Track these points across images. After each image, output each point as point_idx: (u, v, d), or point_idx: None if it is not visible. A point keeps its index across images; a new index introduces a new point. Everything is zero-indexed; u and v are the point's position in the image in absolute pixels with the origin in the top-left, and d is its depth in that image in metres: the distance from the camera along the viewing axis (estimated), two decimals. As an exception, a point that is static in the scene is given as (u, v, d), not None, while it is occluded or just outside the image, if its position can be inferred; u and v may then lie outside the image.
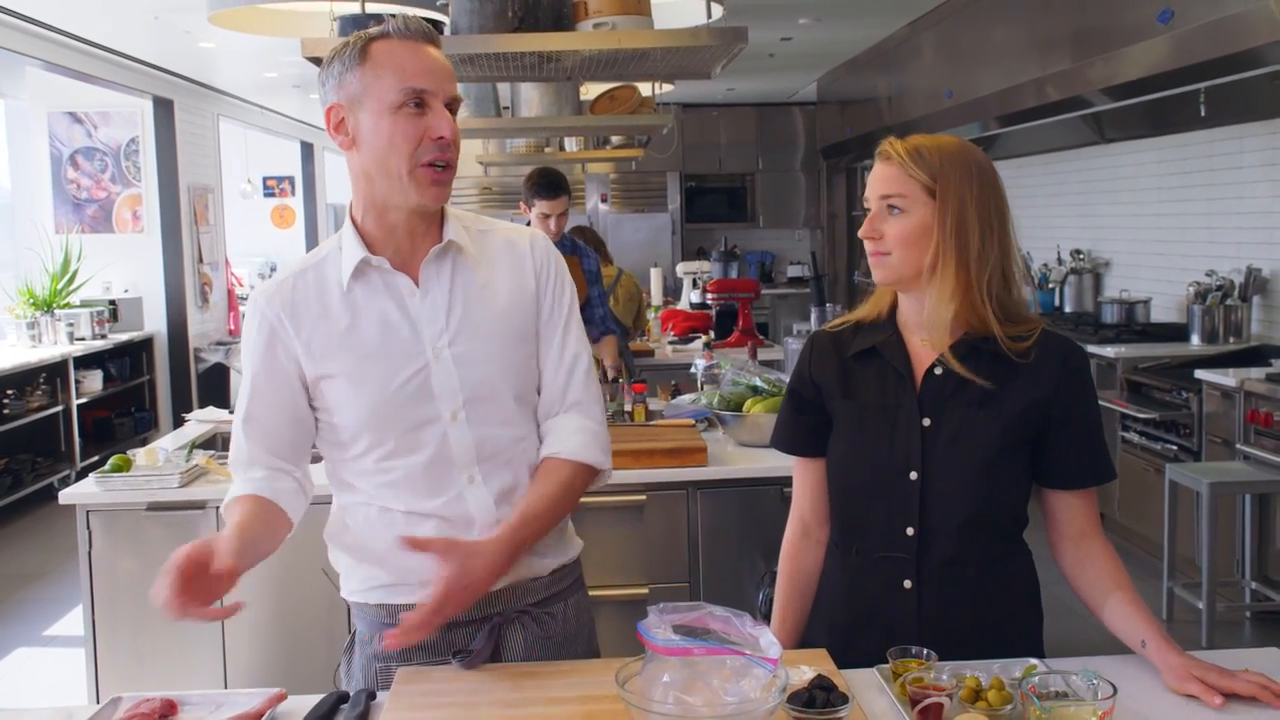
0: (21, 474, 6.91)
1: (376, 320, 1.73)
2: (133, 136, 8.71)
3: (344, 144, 1.71)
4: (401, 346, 1.73)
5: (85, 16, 6.65)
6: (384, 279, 1.75)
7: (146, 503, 3.19)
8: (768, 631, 1.46)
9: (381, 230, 1.75)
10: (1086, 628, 1.81)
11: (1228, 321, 5.55)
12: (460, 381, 1.73)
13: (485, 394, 1.75)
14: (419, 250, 1.76)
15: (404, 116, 1.66)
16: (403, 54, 1.67)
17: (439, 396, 1.73)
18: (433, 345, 1.73)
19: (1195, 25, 4.20)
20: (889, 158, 1.78)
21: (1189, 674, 1.60)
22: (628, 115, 5.11)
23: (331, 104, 1.70)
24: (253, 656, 3.25)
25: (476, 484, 1.75)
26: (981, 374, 1.75)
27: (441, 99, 1.68)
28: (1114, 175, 6.86)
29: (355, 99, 1.68)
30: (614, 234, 11.45)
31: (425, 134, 1.66)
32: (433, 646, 1.77)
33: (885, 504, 1.80)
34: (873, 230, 1.78)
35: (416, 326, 1.73)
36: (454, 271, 1.77)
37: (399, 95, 1.65)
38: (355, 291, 1.74)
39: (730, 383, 3.66)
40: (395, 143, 1.66)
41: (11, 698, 4.21)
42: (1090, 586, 1.77)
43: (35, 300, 7.78)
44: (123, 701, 1.63)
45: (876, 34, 8.09)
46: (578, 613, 1.92)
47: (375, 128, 1.67)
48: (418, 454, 1.73)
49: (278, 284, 1.78)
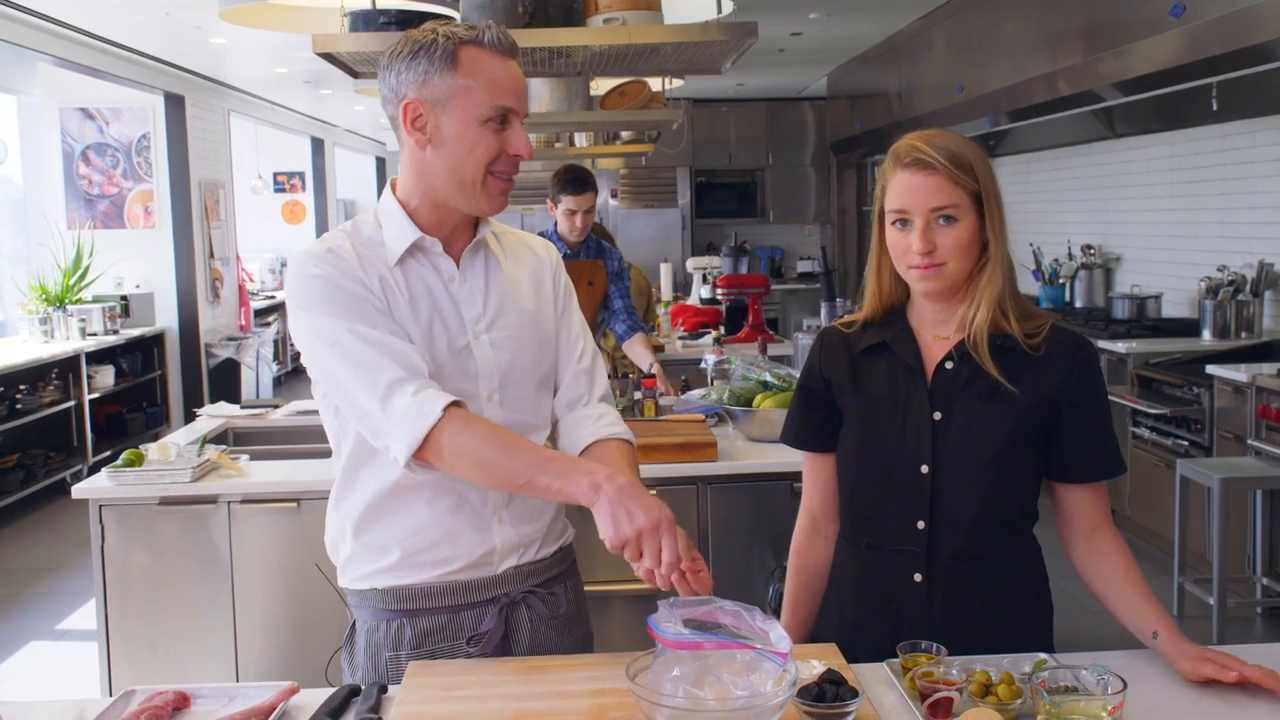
0: (34, 469, 6.94)
1: (425, 295, 1.78)
2: (144, 132, 8.74)
3: (419, 141, 1.73)
4: (448, 325, 1.78)
5: (97, 12, 6.67)
6: (431, 261, 1.80)
7: (159, 497, 3.21)
8: (778, 626, 1.46)
9: (433, 219, 1.79)
10: (1096, 623, 1.81)
11: (1239, 317, 5.53)
12: (498, 365, 1.80)
13: (517, 380, 1.83)
14: (459, 240, 1.83)
15: (489, 130, 1.71)
16: (494, 68, 1.71)
17: (479, 376, 1.79)
18: (473, 327, 1.80)
19: (1207, 19, 4.19)
20: (930, 166, 1.72)
21: (1203, 655, 1.61)
22: (638, 110, 5.11)
23: (410, 99, 1.71)
24: (264, 650, 3.27)
25: None
26: (1000, 364, 1.76)
27: (522, 117, 1.75)
28: (1125, 170, 6.84)
29: (440, 101, 1.70)
30: (624, 229, 11.45)
31: (504, 150, 1.73)
32: (443, 631, 1.79)
33: (896, 497, 1.81)
34: (929, 244, 1.72)
35: (460, 309, 1.80)
36: (487, 263, 1.85)
37: (489, 111, 1.70)
38: (406, 265, 1.78)
39: (740, 378, 3.66)
40: (476, 155, 1.71)
41: (25, 691, 4.23)
42: (1101, 579, 1.78)
43: (48, 296, 7.81)
44: (136, 694, 1.64)
45: (887, 29, 8.07)
46: (577, 594, 1.97)
47: (459, 135, 1.71)
48: None
49: (336, 246, 1.75)
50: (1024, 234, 7.89)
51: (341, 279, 1.72)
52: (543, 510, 1.88)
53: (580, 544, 3.27)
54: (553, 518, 1.92)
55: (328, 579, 1.91)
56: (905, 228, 1.75)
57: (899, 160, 1.76)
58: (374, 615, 1.82)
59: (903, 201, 1.74)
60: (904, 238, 1.75)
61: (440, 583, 1.80)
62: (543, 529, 1.88)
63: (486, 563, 1.81)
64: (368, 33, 2.95)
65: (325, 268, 1.72)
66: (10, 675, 4.43)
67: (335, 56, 3.01)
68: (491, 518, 1.81)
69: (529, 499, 1.82)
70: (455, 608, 1.80)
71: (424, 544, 1.78)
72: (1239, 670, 1.57)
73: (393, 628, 1.80)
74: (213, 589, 3.26)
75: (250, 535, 3.24)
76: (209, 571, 3.26)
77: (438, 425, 1.63)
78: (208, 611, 3.27)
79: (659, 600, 1.51)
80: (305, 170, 13.61)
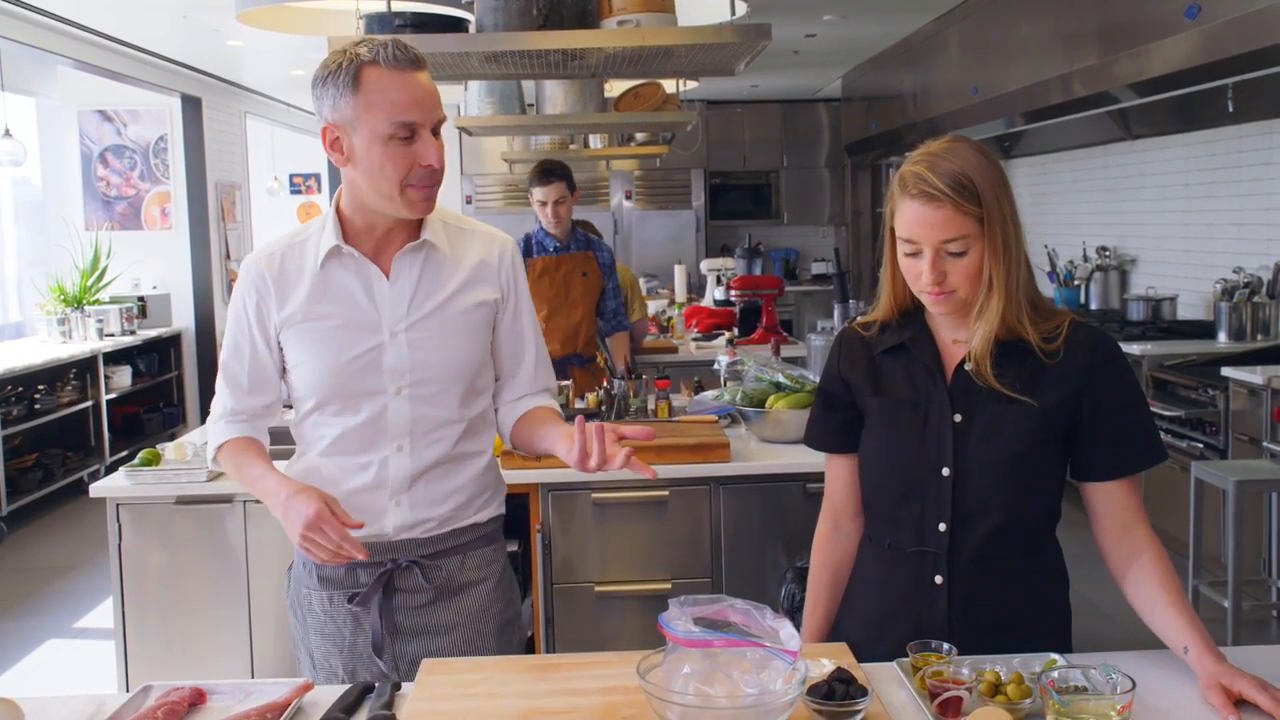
0: (52, 468, 6.99)
1: (344, 298, 1.93)
2: (161, 134, 8.80)
3: (339, 161, 1.87)
4: (361, 325, 1.93)
5: (115, 15, 6.72)
6: (356, 264, 1.94)
7: (175, 496, 3.23)
8: (788, 624, 1.47)
9: (363, 225, 1.94)
10: (1114, 626, 1.81)
11: (1255, 319, 5.51)
12: (410, 363, 1.93)
13: (430, 377, 1.95)
14: (394, 243, 1.95)
15: (394, 146, 1.81)
16: (392, 85, 1.80)
17: (387, 373, 1.93)
18: (391, 328, 1.93)
19: (1222, 20, 4.18)
20: (937, 199, 1.69)
21: (1215, 682, 1.57)
22: (652, 112, 5.12)
23: (326, 124, 1.85)
24: (279, 647, 3.29)
25: (404, 453, 1.96)
26: (1011, 373, 1.75)
27: (429, 126, 1.83)
28: (1140, 172, 6.81)
29: (349, 123, 1.82)
30: (638, 231, 11.46)
31: (415, 162, 1.83)
32: (340, 582, 2.00)
33: (917, 500, 1.80)
34: (939, 275, 1.72)
35: (379, 309, 1.93)
36: (424, 266, 1.96)
37: (390, 128, 1.80)
38: (329, 269, 1.94)
39: (753, 379, 3.66)
40: (386, 170, 1.82)
41: (43, 688, 4.27)
42: (1136, 586, 1.74)
43: (66, 297, 7.86)
44: (153, 690, 1.66)
45: (902, 30, 8.07)
46: (482, 567, 2.06)
47: (368, 153, 1.82)
48: (358, 415, 1.94)
49: (269, 253, 1.98)
50: (1039, 236, 7.87)
51: (240, 310, 1.98)
52: (449, 497, 2.00)
53: (593, 546, 3.29)
54: (462, 503, 2.02)
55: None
56: (915, 256, 1.74)
57: (906, 189, 1.73)
58: (298, 556, 2.06)
59: (911, 233, 1.73)
60: (915, 264, 1.75)
61: None
62: (446, 511, 2.00)
63: (379, 533, 1.97)
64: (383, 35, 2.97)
65: (240, 289, 1.98)
66: (29, 672, 4.46)
67: (351, 59, 3.02)
68: (389, 502, 1.97)
69: (432, 488, 1.98)
70: (350, 565, 1.97)
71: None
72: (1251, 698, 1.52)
73: (308, 569, 2.04)
74: (228, 587, 3.28)
75: (265, 534, 3.26)
76: (224, 569, 3.28)
77: (215, 455, 2.03)
78: (223, 609, 3.29)
79: (670, 599, 1.52)
80: (321, 172, 13.65)
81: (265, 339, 1.97)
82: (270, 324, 1.96)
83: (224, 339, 2.04)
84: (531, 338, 2.10)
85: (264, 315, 1.96)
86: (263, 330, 1.96)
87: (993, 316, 1.73)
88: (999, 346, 1.75)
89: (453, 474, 2.00)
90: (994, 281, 1.73)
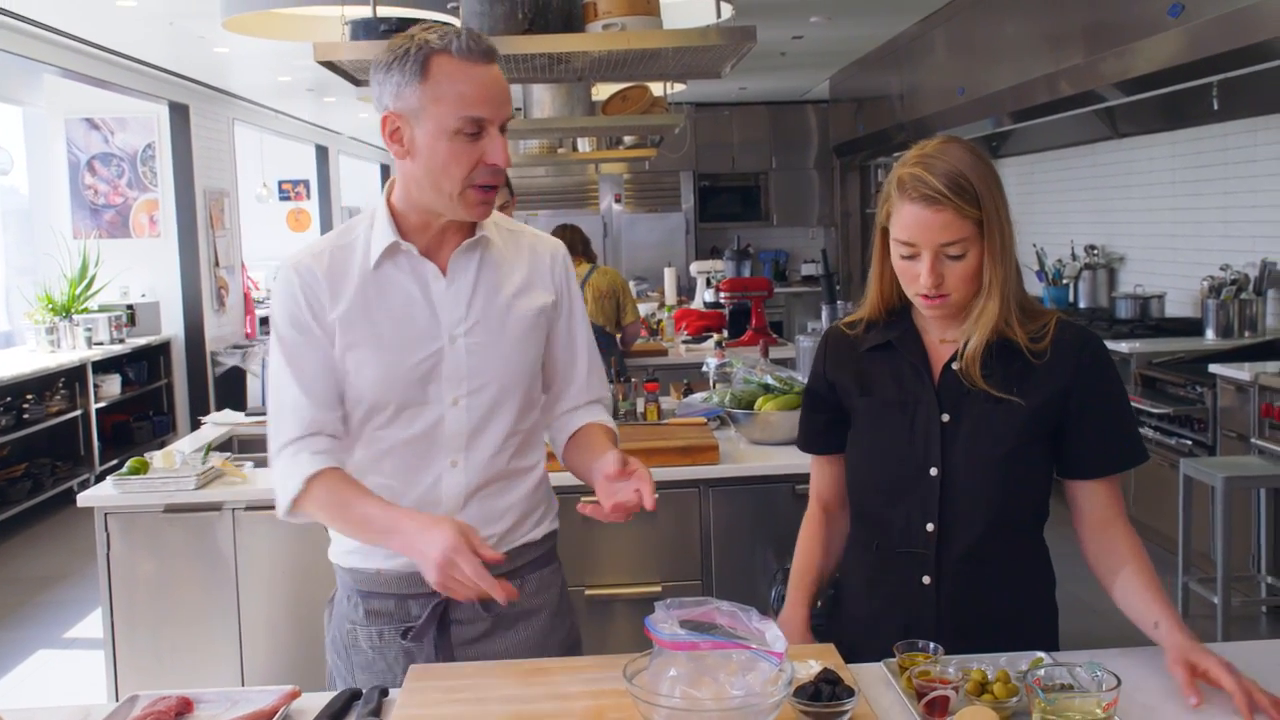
0: (42, 478, 6.97)
1: (401, 300, 1.80)
2: (149, 142, 8.77)
3: (398, 153, 1.74)
4: (420, 329, 1.79)
5: (101, 23, 6.70)
6: (411, 264, 1.81)
7: (163, 505, 3.22)
8: (774, 626, 1.47)
9: (418, 221, 1.81)
10: (1104, 624, 1.81)
11: (1242, 316, 5.53)
12: (469, 370, 1.81)
13: (491, 385, 1.83)
14: (449, 241, 1.83)
15: (460, 141, 1.69)
16: (463, 77, 1.68)
17: (446, 381, 1.80)
18: (450, 332, 1.80)
19: (1205, 19, 4.19)
20: (938, 202, 1.68)
21: (1182, 657, 1.58)
22: (640, 115, 5.12)
23: (388, 112, 1.72)
24: (270, 656, 3.28)
25: (458, 469, 1.83)
26: (999, 373, 1.75)
27: (498, 123, 1.72)
28: (1127, 170, 6.84)
29: (413, 113, 1.70)
30: (627, 234, 11.47)
31: (480, 159, 1.71)
32: (390, 614, 1.86)
33: (905, 500, 1.80)
34: (937, 279, 1.72)
35: (437, 312, 1.80)
36: (481, 265, 1.84)
37: (457, 122, 1.68)
38: (384, 269, 1.80)
39: (742, 381, 3.67)
40: (449, 167, 1.70)
41: (32, 699, 4.25)
42: (1109, 573, 1.76)
43: (54, 305, 7.84)
44: (139, 699, 1.65)
45: (888, 31, 8.08)
46: (541, 589, 1.96)
47: (431, 148, 1.70)
48: (412, 427, 1.81)
49: (315, 253, 1.82)
50: (1027, 235, 7.89)
51: (294, 315, 1.79)
52: (504, 515, 1.88)
53: (583, 548, 3.28)
54: (517, 520, 1.90)
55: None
56: (913, 259, 1.74)
57: (904, 191, 1.72)
58: (343, 588, 1.94)
59: (910, 235, 1.72)
60: (912, 267, 1.74)
61: (389, 571, 1.85)
62: (502, 530, 1.88)
63: None
64: (368, 41, 2.96)
65: (288, 293, 1.80)
66: (18, 683, 4.44)
67: (337, 65, 3.03)
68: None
69: (487, 505, 1.85)
70: (402, 596, 1.85)
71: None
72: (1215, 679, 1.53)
73: (353, 602, 1.90)
74: (218, 595, 3.27)
75: (255, 542, 3.25)
76: (214, 578, 3.27)
77: (298, 496, 1.76)
78: (213, 618, 3.28)
79: (656, 602, 1.52)
80: (310, 178, 13.63)
81: (330, 340, 1.79)
82: (330, 328, 1.79)
83: (273, 358, 1.82)
84: (584, 345, 1.98)
85: (321, 316, 1.79)
86: (326, 331, 1.79)
87: (989, 320, 1.73)
88: (986, 348, 1.76)
89: (507, 490, 1.88)
90: (991, 284, 1.73)
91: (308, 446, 1.77)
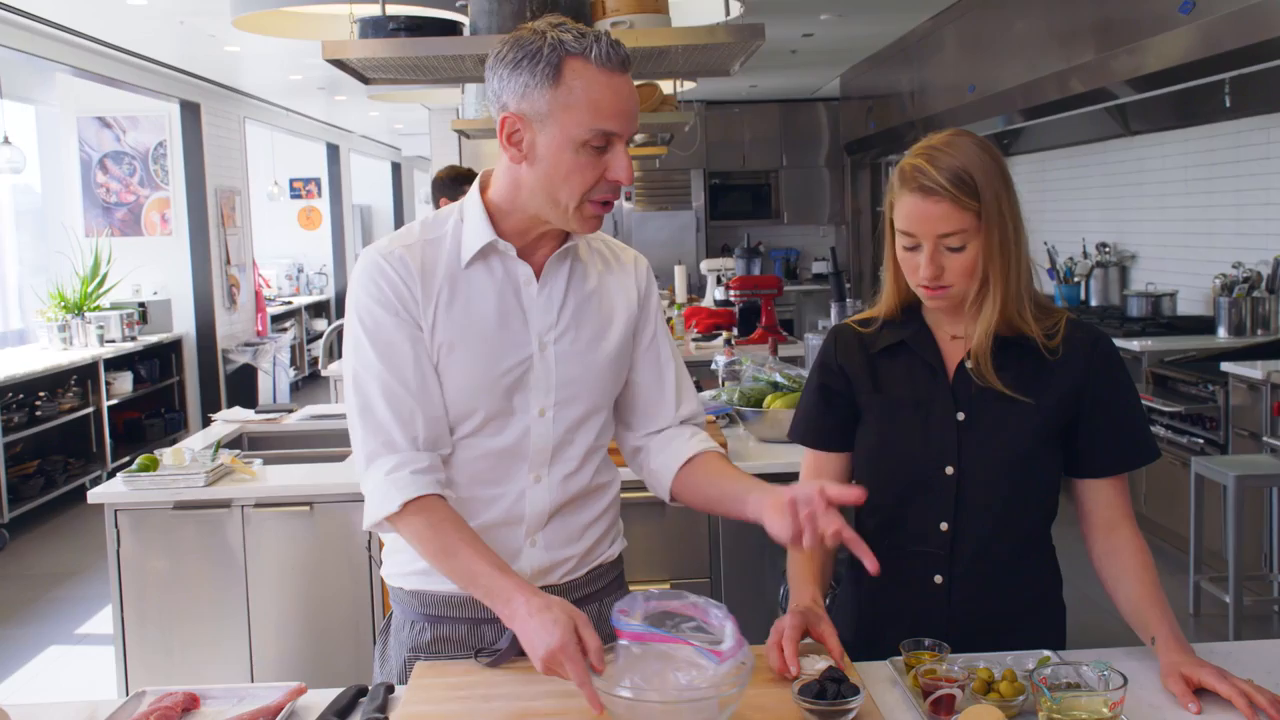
0: (54, 475, 7.00)
1: (493, 303, 1.70)
2: (160, 140, 8.81)
3: (514, 158, 1.64)
4: (510, 335, 1.70)
5: (113, 22, 6.73)
6: (505, 265, 1.72)
7: (173, 502, 3.23)
8: (732, 627, 1.48)
9: (520, 226, 1.70)
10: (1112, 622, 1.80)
11: (1254, 314, 5.51)
12: (558, 379, 1.73)
13: (577, 397, 1.75)
14: (544, 246, 1.74)
15: (587, 153, 1.59)
16: (599, 86, 1.57)
17: (534, 390, 1.72)
18: (539, 339, 1.72)
19: (1218, 15, 4.17)
20: (936, 193, 1.68)
21: (1175, 671, 1.58)
22: (650, 113, 5.12)
23: (509, 113, 1.61)
24: (279, 651, 3.29)
25: (542, 484, 1.75)
26: (1012, 371, 1.75)
27: (626, 138, 1.62)
28: (1139, 168, 6.81)
29: (539, 117, 1.59)
30: (638, 232, 11.47)
31: (604, 175, 1.62)
32: (461, 640, 1.77)
33: (919, 499, 1.79)
34: (936, 270, 1.71)
35: (528, 318, 1.72)
36: (571, 272, 1.76)
37: (588, 134, 1.58)
38: (475, 269, 1.70)
39: (750, 379, 3.66)
40: (571, 179, 1.61)
41: (44, 694, 4.27)
42: (1113, 580, 1.76)
43: (66, 303, 7.87)
44: (146, 695, 1.66)
45: (899, 28, 8.07)
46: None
47: (555, 158, 1.60)
48: (497, 439, 1.72)
49: (406, 246, 1.70)
50: (1039, 233, 7.87)
51: (389, 302, 1.67)
52: (585, 533, 1.81)
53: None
54: (597, 539, 1.84)
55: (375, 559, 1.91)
56: (913, 250, 1.74)
57: (905, 182, 1.72)
58: (404, 613, 1.82)
59: (909, 226, 1.72)
60: (912, 257, 1.74)
61: (464, 594, 1.71)
62: (583, 550, 1.81)
63: None
64: (377, 39, 2.97)
65: (381, 282, 1.68)
66: (30, 679, 4.47)
67: (345, 63, 3.03)
68: (524, 541, 1.76)
69: (569, 523, 1.78)
70: (476, 620, 1.76)
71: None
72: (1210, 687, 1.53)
73: (416, 628, 1.79)
74: (227, 592, 3.28)
75: (264, 539, 3.26)
76: (224, 575, 3.28)
77: (394, 516, 1.64)
78: (223, 615, 3.29)
79: (629, 593, 1.56)
80: (321, 176, 13.68)
81: (426, 341, 1.67)
82: (419, 324, 1.67)
83: (359, 356, 1.68)
84: (670, 358, 1.87)
85: (414, 310, 1.67)
86: (421, 330, 1.67)
87: (989, 314, 1.73)
88: (999, 343, 1.75)
89: (588, 507, 1.80)
90: (991, 278, 1.72)
91: (410, 464, 1.65)
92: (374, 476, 1.66)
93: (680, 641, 1.48)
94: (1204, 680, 1.55)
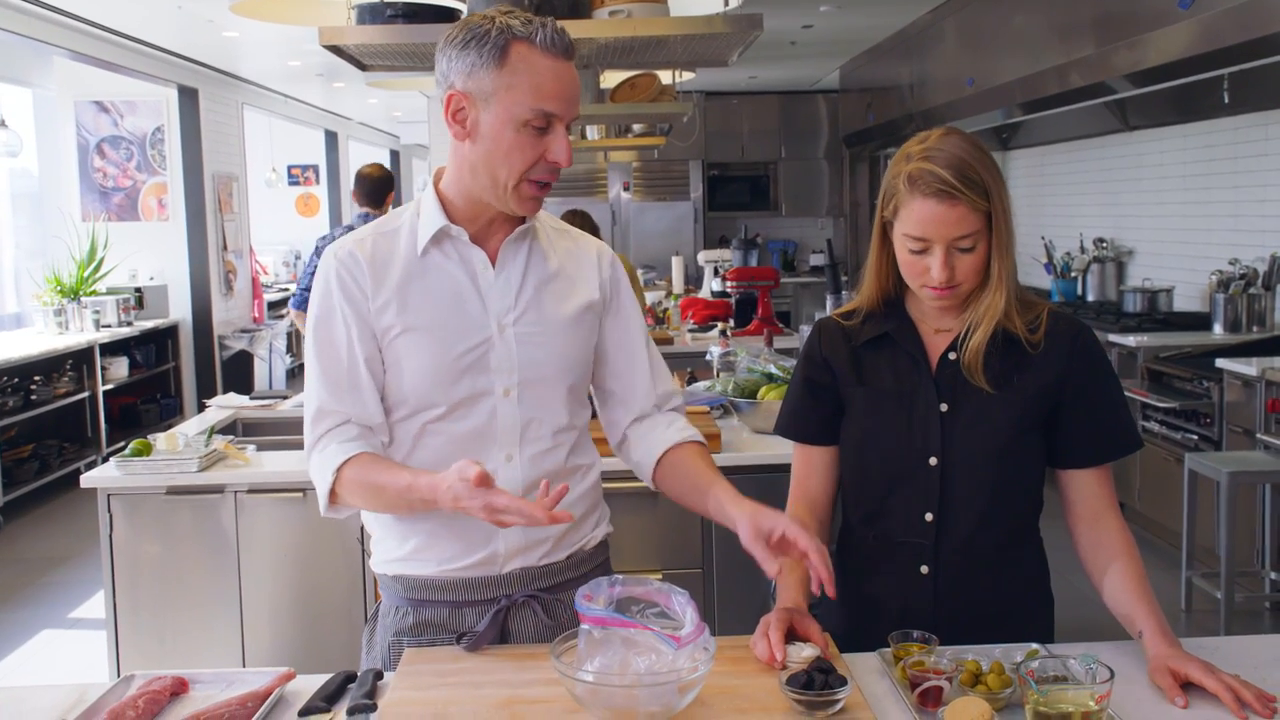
0: (49, 459, 7.00)
1: (448, 288, 1.75)
2: (158, 125, 8.79)
3: (458, 134, 1.70)
4: (468, 318, 1.75)
5: (111, 6, 6.71)
6: (460, 250, 1.77)
7: (166, 487, 3.23)
8: (693, 614, 1.50)
9: (468, 209, 1.76)
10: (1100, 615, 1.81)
11: (1250, 310, 5.51)
12: (519, 360, 1.77)
13: (541, 376, 1.78)
14: (498, 231, 1.79)
15: (527, 133, 1.66)
16: (542, 70, 1.64)
17: (495, 371, 1.76)
18: (498, 320, 1.76)
19: (1218, 10, 4.17)
20: (952, 197, 1.68)
21: (1163, 665, 1.59)
22: (648, 103, 5.11)
23: (454, 91, 1.67)
24: (271, 637, 3.29)
25: (513, 463, 1.77)
26: (996, 364, 1.76)
27: (566, 121, 1.68)
28: (1137, 163, 6.81)
29: (483, 96, 1.65)
30: (636, 222, 11.45)
31: (543, 155, 1.68)
32: (443, 624, 1.80)
33: (905, 490, 1.80)
34: (950, 273, 1.71)
35: (485, 301, 1.76)
36: (529, 255, 1.80)
37: (529, 113, 1.64)
38: (431, 256, 1.76)
39: (745, 370, 3.67)
40: (511, 157, 1.67)
41: (36, 678, 4.27)
42: (1099, 572, 1.76)
43: (62, 288, 7.87)
44: (135, 679, 1.66)
45: (898, 21, 8.05)
46: None
47: (496, 135, 1.66)
48: (466, 423, 1.76)
49: (358, 240, 1.78)
50: (1036, 227, 7.87)
51: (331, 296, 1.75)
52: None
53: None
54: (578, 517, 1.84)
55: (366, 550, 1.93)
56: (923, 254, 1.73)
57: (916, 186, 1.71)
58: (390, 599, 1.85)
59: (923, 230, 1.71)
60: (920, 260, 1.73)
61: (443, 577, 1.78)
62: (560, 531, 1.82)
63: (491, 562, 1.78)
64: (375, 25, 2.96)
65: (330, 278, 1.75)
66: (22, 663, 4.47)
67: (342, 49, 3.02)
68: None
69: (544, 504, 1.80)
70: (457, 603, 1.79)
71: (434, 538, 1.78)
72: (1197, 681, 1.54)
73: (400, 613, 1.82)
74: (220, 578, 3.29)
75: (257, 525, 3.27)
76: (216, 560, 3.28)
77: (333, 488, 1.71)
78: (215, 600, 3.30)
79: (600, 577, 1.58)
80: (319, 163, 13.66)
81: (370, 332, 1.75)
82: (369, 316, 1.74)
83: (310, 350, 1.78)
84: (642, 343, 1.91)
85: (361, 306, 1.74)
86: (364, 322, 1.74)
87: (995, 311, 1.74)
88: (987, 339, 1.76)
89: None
90: (998, 275, 1.73)
91: (336, 436, 1.73)
92: (313, 461, 1.76)
93: (641, 627, 1.50)
94: (1191, 675, 1.56)
